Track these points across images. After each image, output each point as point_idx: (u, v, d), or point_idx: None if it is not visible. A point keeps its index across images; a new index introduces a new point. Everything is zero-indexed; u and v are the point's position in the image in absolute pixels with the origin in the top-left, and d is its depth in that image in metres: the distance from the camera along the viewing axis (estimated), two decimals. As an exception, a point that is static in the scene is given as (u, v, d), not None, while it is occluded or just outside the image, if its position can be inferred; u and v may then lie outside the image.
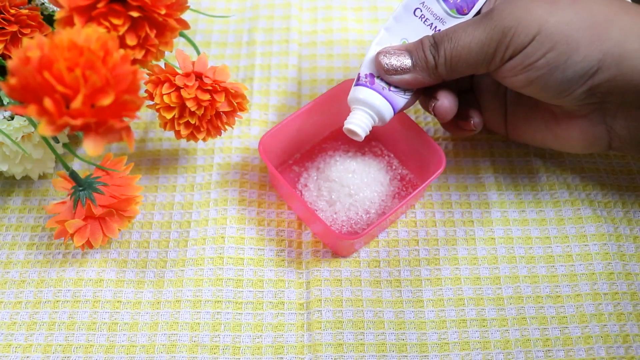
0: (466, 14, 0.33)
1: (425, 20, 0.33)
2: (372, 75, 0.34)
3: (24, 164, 0.38)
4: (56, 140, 0.38)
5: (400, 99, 0.34)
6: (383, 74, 0.33)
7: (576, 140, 0.35)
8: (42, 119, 0.22)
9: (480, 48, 0.31)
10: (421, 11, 0.33)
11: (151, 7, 0.29)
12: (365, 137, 0.34)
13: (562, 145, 0.36)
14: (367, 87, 0.33)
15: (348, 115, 0.35)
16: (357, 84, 0.34)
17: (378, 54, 0.33)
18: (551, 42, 0.30)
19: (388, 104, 0.34)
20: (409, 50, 0.33)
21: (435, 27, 0.33)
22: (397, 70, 0.33)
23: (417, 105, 0.44)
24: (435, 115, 0.34)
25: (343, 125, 0.34)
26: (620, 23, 0.30)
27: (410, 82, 0.33)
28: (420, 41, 0.33)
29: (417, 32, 0.34)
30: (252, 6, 0.49)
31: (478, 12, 0.33)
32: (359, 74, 0.34)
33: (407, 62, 0.33)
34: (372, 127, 0.34)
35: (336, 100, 0.39)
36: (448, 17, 0.33)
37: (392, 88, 0.34)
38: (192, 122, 0.35)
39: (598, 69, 0.30)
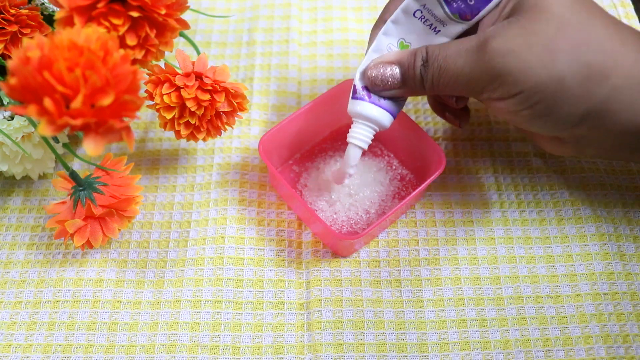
0: (469, 20, 0.32)
1: (425, 21, 0.32)
2: (367, 87, 0.33)
3: (24, 164, 0.38)
4: (56, 140, 0.38)
5: (396, 106, 0.34)
6: (373, 89, 0.33)
7: (546, 146, 0.35)
8: (42, 119, 0.22)
9: (467, 83, 0.30)
10: (421, 12, 0.32)
11: (151, 7, 0.29)
12: None
13: (534, 142, 0.37)
14: (364, 100, 0.33)
15: (349, 117, 0.34)
16: (354, 97, 0.33)
17: (368, 68, 0.33)
18: (539, 96, 0.29)
19: (387, 113, 0.33)
20: (401, 63, 0.32)
21: (435, 27, 0.32)
22: (386, 87, 0.33)
23: (417, 105, 0.44)
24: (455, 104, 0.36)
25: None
26: (614, 78, 0.29)
27: (400, 95, 0.33)
28: (414, 55, 0.32)
29: (417, 32, 0.33)
30: (252, 6, 0.49)
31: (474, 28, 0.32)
32: (355, 85, 0.34)
33: (397, 77, 0.32)
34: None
35: (336, 100, 0.39)
36: (449, 21, 0.32)
37: (386, 98, 0.34)
38: (192, 122, 0.35)
39: (580, 121, 0.30)
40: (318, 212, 0.38)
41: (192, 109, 0.34)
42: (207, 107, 0.34)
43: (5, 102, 0.36)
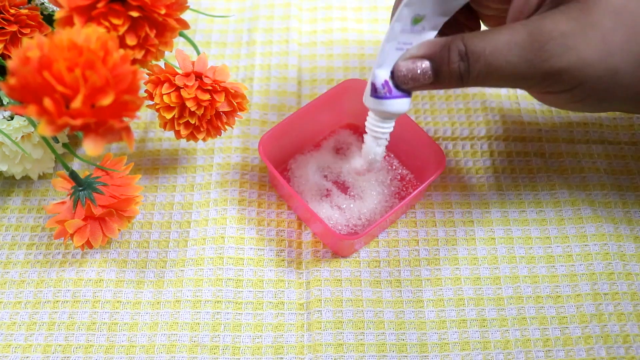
0: None
1: None
2: (387, 82, 0.30)
3: (24, 164, 0.38)
4: (56, 140, 0.38)
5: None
6: (402, 86, 0.30)
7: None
8: (42, 119, 0.22)
9: (518, 80, 0.29)
10: None
11: (151, 7, 0.29)
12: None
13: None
14: (387, 98, 0.30)
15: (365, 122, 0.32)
16: (375, 96, 0.30)
17: (397, 66, 0.29)
18: (592, 90, 0.28)
19: (407, 100, 0.31)
20: (433, 58, 0.29)
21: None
22: (417, 84, 0.30)
23: (417, 105, 0.44)
24: None
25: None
26: None
27: (430, 89, 0.31)
28: (447, 49, 0.28)
29: (436, 7, 0.29)
30: (252, 6, 0.49)
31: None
32: (374, 84, 0.30)
33: (429, 74, 0.29)
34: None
35: (336, 100, 0.39)
36: None
37: None
38: (192, 122, 0.35)
39: (626, 104, 0.30)
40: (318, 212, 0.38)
41: (192, 109, 0.34)
42: (207, 107, 0.34)
43: (5, 102, 0.36)
